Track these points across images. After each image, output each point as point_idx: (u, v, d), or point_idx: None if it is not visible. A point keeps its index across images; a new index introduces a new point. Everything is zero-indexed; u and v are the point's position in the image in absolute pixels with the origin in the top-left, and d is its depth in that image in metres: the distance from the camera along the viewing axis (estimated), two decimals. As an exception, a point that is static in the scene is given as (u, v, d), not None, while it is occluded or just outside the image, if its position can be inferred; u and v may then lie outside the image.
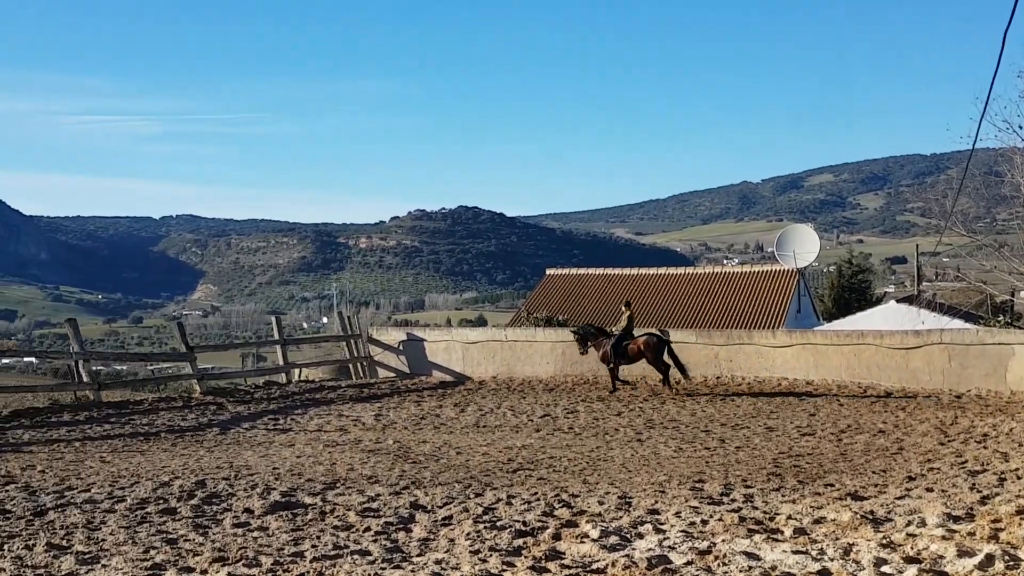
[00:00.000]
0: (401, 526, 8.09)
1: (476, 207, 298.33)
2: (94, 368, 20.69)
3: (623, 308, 22.53)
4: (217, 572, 6.50)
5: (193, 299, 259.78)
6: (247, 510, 8.74)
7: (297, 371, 25.59)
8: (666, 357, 20.74)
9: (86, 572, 6.47)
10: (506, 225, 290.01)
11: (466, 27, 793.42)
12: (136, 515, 8.49)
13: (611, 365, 21.13)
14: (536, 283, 44.88)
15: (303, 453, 12.70)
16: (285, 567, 6.71)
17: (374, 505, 8.98)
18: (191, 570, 6.59)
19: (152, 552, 7.09)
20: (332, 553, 7.11)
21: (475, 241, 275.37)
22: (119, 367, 58.28)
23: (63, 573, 6.45)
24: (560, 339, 23.84)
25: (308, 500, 9.19)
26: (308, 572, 6.56)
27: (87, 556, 6.93)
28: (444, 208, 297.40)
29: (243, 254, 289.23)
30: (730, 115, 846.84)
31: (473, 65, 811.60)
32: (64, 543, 7.36)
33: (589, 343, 21.67)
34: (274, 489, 9.77)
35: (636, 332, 21.48)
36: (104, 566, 6.64)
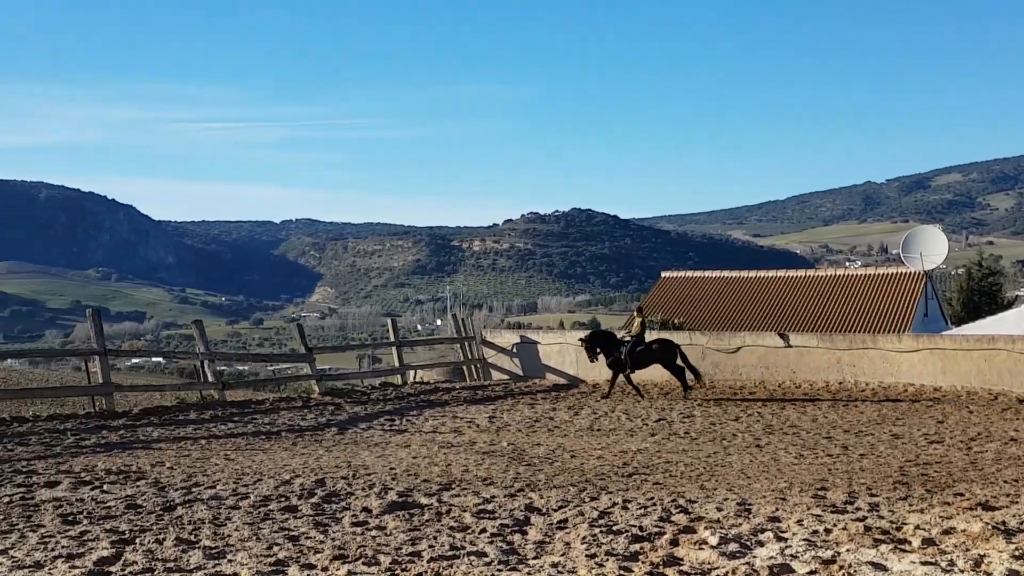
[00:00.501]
0: (516, 528, 8.08)
1: (590, 209, 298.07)
2: (218, 368, 21.31)
3: (635, 314, 22.50)
4: (338, 570, 6.60)
5: (311, 301, 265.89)
6: (365, 509, 8.86)
7: (412, 372, 25.89)
8: (679, 361, 20.64)
9: (213, 566, 6.64)
10: (620, 227, 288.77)
11: (581, 29, 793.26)
12: (259, 512, 8.69)
13: (627, 371, 20.83)
14: (650, 286, 44.50)
15: (419, 454, 12.83)
16: (403, 566, 6.77)
17: (489, 507, 9.00)
18: (312, 567, 6.70)
19: (275, 548, 7.24)
20: (449, 554, 7.15)
21: (588, 243, 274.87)
22: (241, 367, 60.06)
23: (191, 567, 6.64)
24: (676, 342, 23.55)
25: (424, 500, 9.27)
26: (425, 572, 6.60)
27: (214, 551, 7.12)
28: (558, 210, 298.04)
29: (359, 257, 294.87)
30: (853, 114, 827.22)
31: (589, 67, 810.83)
32: (192, 538, 7.57)
33: (599, 351, 21.06)
34: (391, 489, 9.88)
35: (647, 338, 21.37)
36: (230, 561, 6.81)
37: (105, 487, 10.00)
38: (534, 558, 7.04)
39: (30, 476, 10.68)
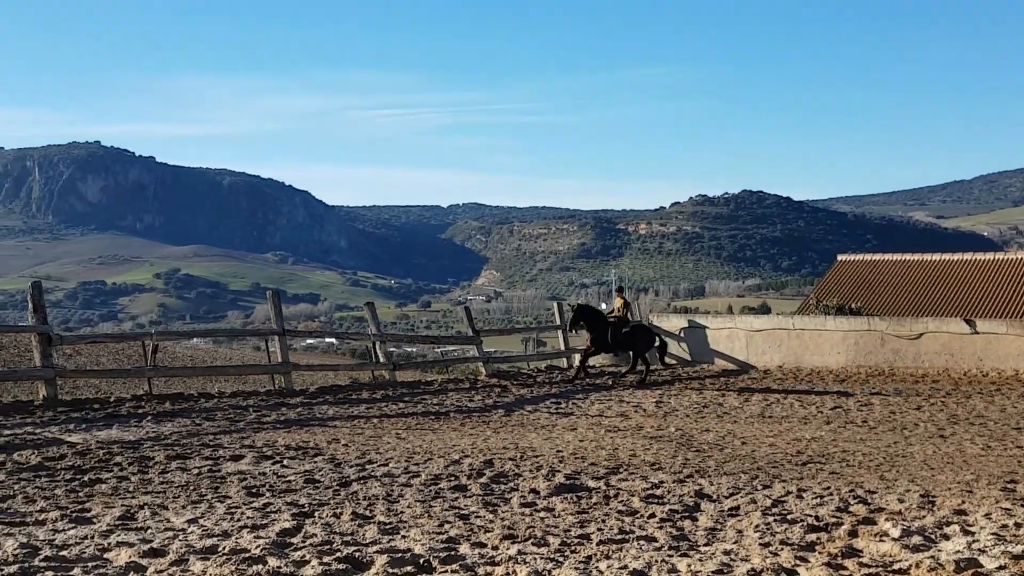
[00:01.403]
0: (686, 514, 7.95)
1: (761, 191, 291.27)
2: (389, 349, 21.86)
3: (615, 294, 21.77)
4: (508, 549, 6.63)
5: (477, 284, 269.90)
6: (533, 491, 8.89)
7: (578, 356, 25.88)
8: (650, 354, 20.90)
9: (387, 541, 6.79)
10: (793, 209, 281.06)
11: (748, 8, 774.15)
12: (430, 490, 8.85)
13: (600, 352, 20.67)
14: (825, 269, 43.13)
15: (585, 437, 12.80)
16: (572, 548, 6.76)
17: (658, 492, 8.89)
18: (483, 545, 6.77)
19: (446, 526, 7.35)
20: (618, 537, 7.09)
21: (759, 226, 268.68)
22: (410, 349, 61.54)
23: (367, 541, 6.80)
24: (853, 328, 22.74)
25: (592, 484, 9.24)
26: (595, 555, 6.56)
27: (388, 526, 7.28)
28: (727, 193, 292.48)
29: (525, 241, 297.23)
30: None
31: (757, 45, 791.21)
32: (367, 513, 7.77)
33: (582, 324, 20.39)
34: (558, 471, 9.89)
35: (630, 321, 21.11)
36: (403, 536, 6.95)
37: (285, 462, 10.39)
38: (705, 545, 6.91)
39: (216, 450, 11.20)
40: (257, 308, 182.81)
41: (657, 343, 21.15)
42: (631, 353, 20.72)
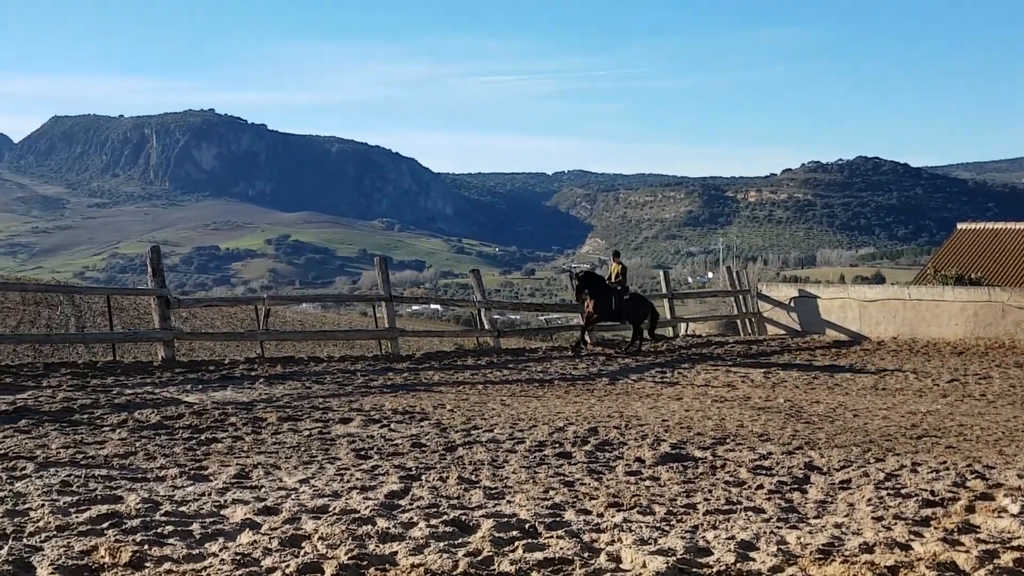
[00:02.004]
0: (795, 486, 7.81)
1: (876, 157, 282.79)
2: (493, 316, 21.96)
3: (612, 259, 20.84)
4: (613, 517, 6.61)
5: (582, 252, 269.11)
6: (638, 459, 8.84)
7: (684, 325, 25.66)
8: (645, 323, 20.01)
9: (493, 506, 6.84)
10: (910, 176, 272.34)
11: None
12: (535, 456, 8.87)
13: (611, 320, 19.97)
14: (943, 238, 41.79)
15: (691, 407, 12.67)
16: (678, 517, 6.70)
17: (766, 463, 8.75)
18: (588, 512, 6.76)
19: (551, 492, 7.36)
20: (725, 508, 7.00)
21: (874, 193, 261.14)
22: (513, 316, 61.84)
23: (473, 505, 6.86)
24: (972, 299, 21.98)
25: (698, 454, 9.14)
26: (702, 524, 6.50)
27: (493, 491, 7.33)
28: (841, 159, 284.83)
29: (630, 208, 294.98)
30: None
31: (875, 4, 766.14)
32: (473, 478, 7.84)
33: (586, 292, 19.33)
34: (664, 441, 9.81)
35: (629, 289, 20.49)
36: (509, 502, 6.98)
37: (392, 426, 10.54)
38: (815, 517, 6.77)
39: (326, 412, 11.43)
40: (364, 274, 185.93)
41: (648, 315, 20.36)
42: (632, 322, 20.08)
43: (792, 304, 24.70)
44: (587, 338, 19.87)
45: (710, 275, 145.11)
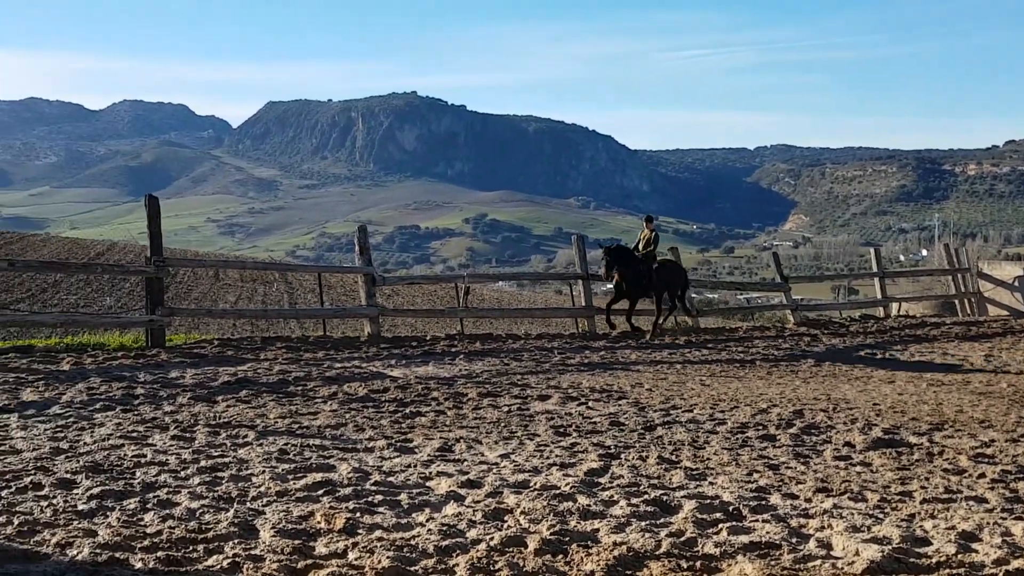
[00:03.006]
0: (1021, 476, 7.30)
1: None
2: (691, 295, 21.61)
3: (644, 224, 18.89)
4: (821, 502, 6.38)
5: (784, 230, 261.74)
6: (847, 444, 8.49)
7: (896, 305, 24.52)
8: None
9: (695, 487, 6.72)
10: None
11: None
12: (737, 438, 8.67)
13: (642, 297, 17.84)
14: None
15: (905, 391, 12.08)
16: (892, 505, 6.39)
17: (988, 451, 8.23)
18: (794, 496, 6.54)
19: (755, 475, 7.17)
20: (943, 496, 6.63)
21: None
22: (711, 295, 60.84)
23: (674, 486, 6.76)
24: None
25: (913, 439, 8.69)
26: (918, 513, 6.17)
27: (694, 472, 7.21)
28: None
29: (837, 183, 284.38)
30: None
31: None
32: (673, 458, 7.73)
33: (615, 270, 17.63)
34: (875, 425, 9.39)
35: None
36: (711, 483, 6.85)
37: (590, 404, 10.54)
38: (1046, 513, 6.31)
39: (524, 389, 11.55)
40: (559, 253, 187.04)
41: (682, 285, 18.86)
42: (666, 295, 18.37)
43: (1016, 284, 23.16)
44: (614, 320, 18.12)
45: (924, 253, 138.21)
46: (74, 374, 11.60)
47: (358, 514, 5.82)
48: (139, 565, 4.82)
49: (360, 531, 5.51)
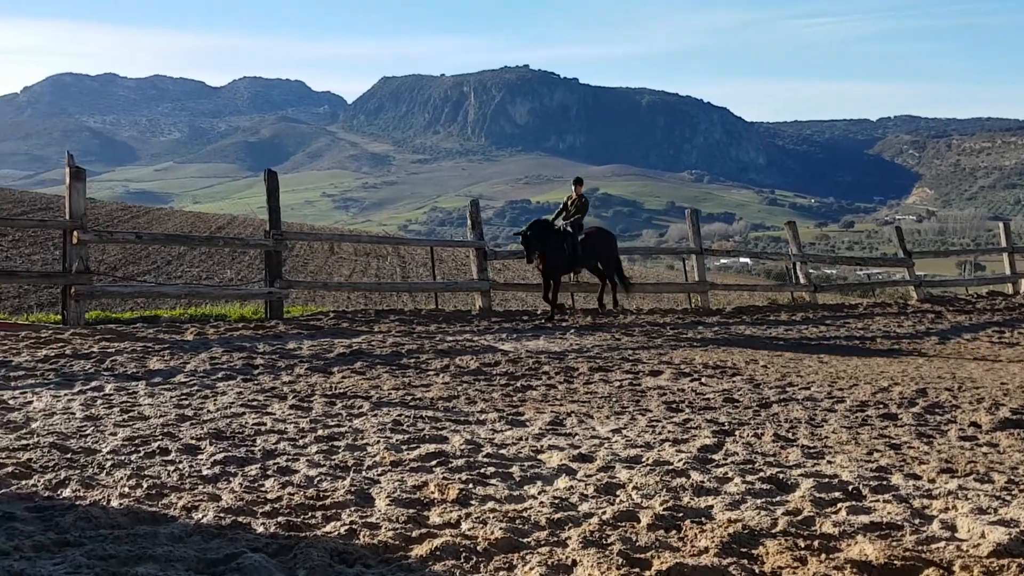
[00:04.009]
0: None
1: None
2: (808, 270, 21.13)
3: (573, 185, 16.40)
4: (945, 483, 6.16)
5: (907, 203, 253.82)
6: (973, 424, 8.19)
7: (1025, 282, 23.52)
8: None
9: (812, 466, 6.57)
10: None
11: None
12: (856, 417, 8.44)
13: (568, 273, 15.78)
14: None
15: (1034, 370, 11.60)
16: (1020, 487, 6.13)
17: None
18: (917, 477, 6.34)
19: (875, 455, 6.97)
20: (1078, 482, 6.33)
21: None
22: (829, 271, 59.39)
23: (790, 464, 6.63)
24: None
25: (1044, 421, 8.33)
26: (1051, 499, 5.91)
27: (812, 450, 7.05)
28: None
29: (964, 155, 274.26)
30: None
31: None
32: (789, 436, 7.57)
33: (537, 252, 15.23)
34: (1003, 405, 9.03)
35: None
36: (829, 462, 6.69)
37: (703, 380, 10.41)
38: None
39: (636, 364, 11.48)
40: (671, 227, 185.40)
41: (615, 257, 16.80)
42: (599, 267, 16.32)
43: None
44: (557, 305, 15.98)
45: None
46: (197, 344, 12.00)
47: (471, 485, 5.87)
48: (260, 529, 4.95)
49: (473, 502, 5.55)
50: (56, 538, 4.64)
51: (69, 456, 6.26)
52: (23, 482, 5.64)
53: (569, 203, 16.21)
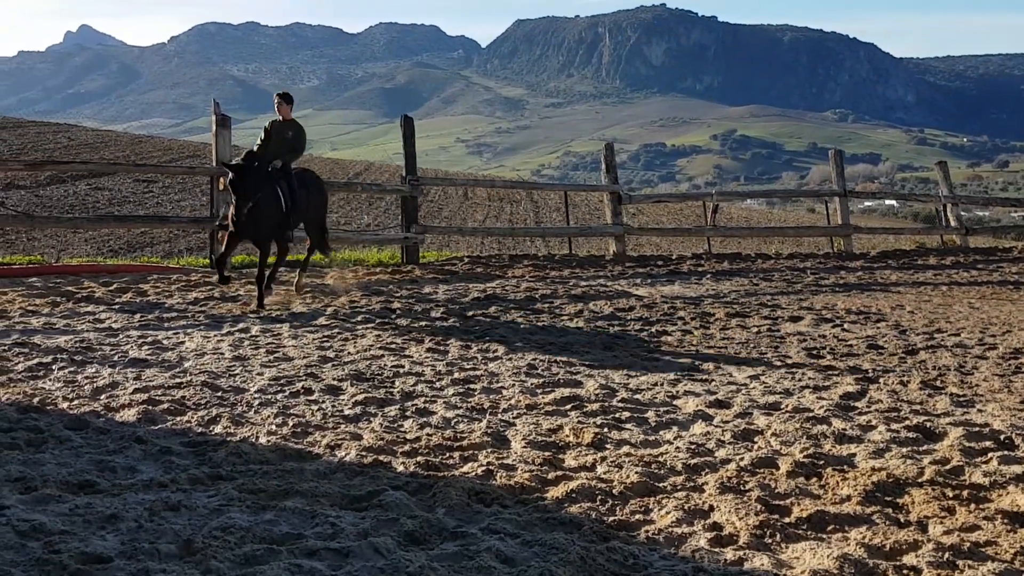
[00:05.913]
0: None
1: None
2: (960, 212, 20.22)
3: (278, 102, 11.42)
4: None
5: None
6: None
7: None
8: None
9: (961, 414, 6.33)
10: None
11: None
12: (1010, 364, 8.08)
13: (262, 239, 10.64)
14: None
15: None
16: None
17: None
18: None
19: (1030, 405, 6.67)
20: None
21: None
22: (981, 213, 56.73)
23: (938, 412, 6.40)
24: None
25: None
26: None
27: (961, 398, 6.79)
28: None
29: None
30: None
31: None
32: (937, 383, 7.31)
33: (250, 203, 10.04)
34: None
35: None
36: (979, 411, 6.43)
37: (845, 326, 10.12)
38: None
39: (774, 310, 11.23)
40: (813, 169, 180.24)
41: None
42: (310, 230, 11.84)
43: None
44: (223, 268, 10.89)
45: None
46: (338, 287, 12.30)
47: (606, 429, 5.87)
48: (400, 468, 5.08)
49: (608, 446, 5.56)
50: (210, 472, 4.87)
51: (220, 395, 6.54)
52: (178, 418, 5.92)
53: (272, 131, 11.27)
